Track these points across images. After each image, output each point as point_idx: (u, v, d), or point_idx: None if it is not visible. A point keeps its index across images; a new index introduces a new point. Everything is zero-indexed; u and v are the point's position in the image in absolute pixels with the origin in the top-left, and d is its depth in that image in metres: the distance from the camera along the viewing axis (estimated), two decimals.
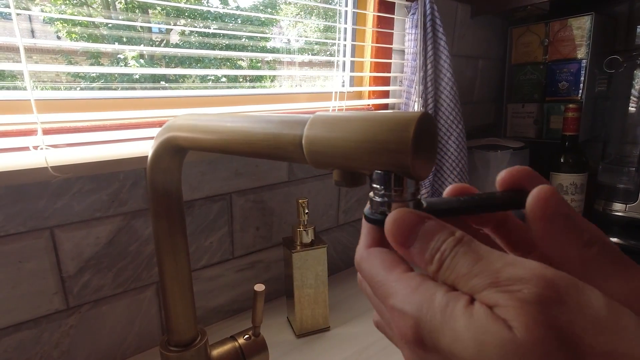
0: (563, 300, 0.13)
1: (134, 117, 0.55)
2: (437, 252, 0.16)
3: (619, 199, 0.85)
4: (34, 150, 0.46)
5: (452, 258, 0.15)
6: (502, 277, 0.14)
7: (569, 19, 0.91)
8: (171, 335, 0.41)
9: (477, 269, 0.15)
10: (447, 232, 0.16)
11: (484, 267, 0.15)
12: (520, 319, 0.13)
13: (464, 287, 0.15)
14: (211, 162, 0.60)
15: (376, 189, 0.19)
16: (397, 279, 0.17)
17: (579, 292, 0.13)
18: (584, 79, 0.91)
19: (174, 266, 0.39)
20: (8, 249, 0.46)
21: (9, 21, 0.43)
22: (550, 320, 0.13)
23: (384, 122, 0.18)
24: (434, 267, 0.16)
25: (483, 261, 0.15)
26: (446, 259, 0.16)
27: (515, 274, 0.14)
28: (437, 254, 0.16)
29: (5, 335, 0.47)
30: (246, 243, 0.67)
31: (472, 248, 0.15)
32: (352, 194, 0.81)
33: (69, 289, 0.50)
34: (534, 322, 0.13)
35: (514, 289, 0.13)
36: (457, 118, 0.81)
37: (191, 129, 0.32)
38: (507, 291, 0.13)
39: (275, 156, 0.25)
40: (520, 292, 0.13)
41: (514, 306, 0.13)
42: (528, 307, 0.13)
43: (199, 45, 0.72)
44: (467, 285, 0.15)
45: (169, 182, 0.37)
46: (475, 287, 0.14)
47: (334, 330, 0.62)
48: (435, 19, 0.78)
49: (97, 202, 0.51)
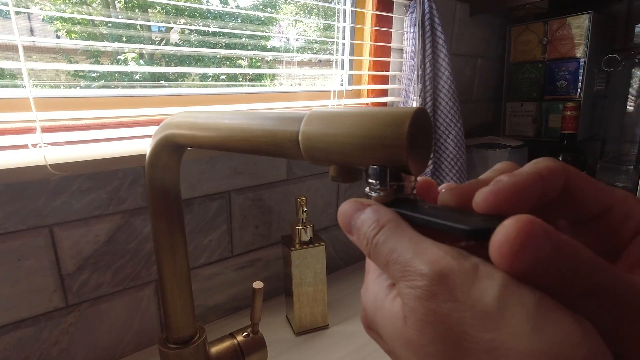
0: (453, 296, 0.12)
1: (133, 115, 0.55)
2: (364, 239, 0.16)
3: None
4: (32, 148, 0.46)
5: (375, 247, 0.16)
6: (409, 270, 0.14)
7: (568, 17, 0.91)
8: (170, 333, 0.41)
9: (393, 259, 0.15)
10: (373, 219, 0.16)
11: (397, 257, 0.15)
12: (414, 315, 0.13)
13: (389, 276, 0.16)
14: (210, 160, 0.60)
15: (372, 184, 0.19)
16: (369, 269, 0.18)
17: (472, 286, 0.12)
18: (583, 77, 0.91)
19: (172, 264, 0.39)
20: (7, 247, 0.46)
21: (7, 20, 0.43)
22: (436, 317, 0.13)
23: (379, 117, 0.18)
24: (367, 253, 0.17)
25: (397, 252, 0.15)
26: (373, 247, 0.16)
27: (417, 268, 0.14)
28: (364, 242, 0.16)
29: (5, 333, 0.47)
30: (245, 241, 0.67)
31: (391, 236, 0.15)
32: (351, 192, 0.81)
33: (68, 286, 0.51)
34: (422, 320, 0.13)
35: (413, 284, 0.14)
36: (456, 117, 0.81)
37: (189, 126, 0.32)
38: (410, 287, 0.14)
39: (273, 152, 0.25)
40: (416, 290, 0.13)
41: (410, 303, 0.14)
42: (419, 305, 0.13)
43: (198, 44, 0.72)
44: (389, 274, 0.15)
45: (168, 179, 0.37)
46: (393, 278, 0.15)
47: (332, 328, 0.63)
48: (434, 17, 0.78)
49: (96, 200, 0.51)
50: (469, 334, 0.12)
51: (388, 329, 0.15)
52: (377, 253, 0.16)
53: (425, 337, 0.13)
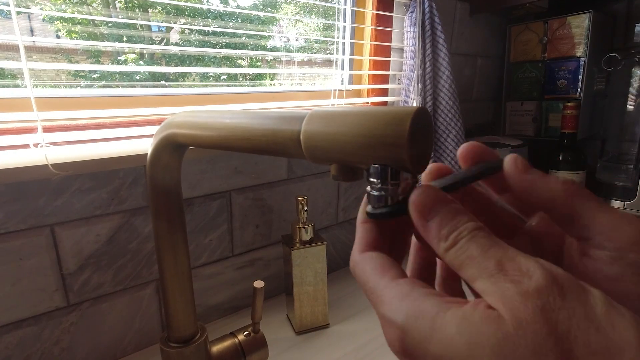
0: (564, 295, 0.13)
1: (134, 115, 0.55)
2: (454, 230, 0.16)
3: (617, 196, 0.86)
4: (34, 148, 0.46)
5: (469, 240, 0.16)
6: (510, 267, 0.14)
7: (568, 17, 0.91)
8: (171, 332, 0.41)
9: (490, 253, 0.15)
10: (469, 217, 0.16)
11: (496, 253, 0.15)
12: (518, 310, 0.13)
13: (471, 269, 0.15)
14: (210, 160, 0.60)
15: (373, 183, 0.19)
16: (386, 286, 0.16)
17: (580, 290, 0.13)
18: (583, 77, 0.91)
19: (174, 263, 0.39)
20: (9, 247, 0.46)
21: (8, 20, 0.43)
22: (547, 314, 0.13)
23: (380, 116, 0.18)
24: (448, 243, 0.16)
25: (496, 247, 0.15)
26: (462, 239, 0.16)
27: (524, 265, 0.14)
28: (454, 232, 0.16)
29: (6, 332, 0.47)
30: (245, 241, 0.67)
31: (490, 236, 0.16)
32: (351, 192, 0.81)
33: (70, 286, 0.51)
34: (531, 314, 0.13)
35: (519, 279, 0.14)
36: (456, 116, 0.81)
37: (190, 125, 0.32)
38: (512, 281, 0.14)
39: (274, 152, 0.25)
40: (524, 283, 0.13)
41: (515, 297, 0.13)
42: (527, 298, 0.13)
43: (199, 44, 0.72)
44: (477, 267, 0.15)
45: (169, 178, 0.37)
46: (483, 271, 0.14)
47: (333, 327, 0.63)
48: (434, 17, 0.78)
49: (97, 199, 0.51)
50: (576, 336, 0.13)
51: (462, 346, 0.13)
52: (469, 246, 0.15)
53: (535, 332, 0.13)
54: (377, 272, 0.17)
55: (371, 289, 0.17)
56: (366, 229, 0.20)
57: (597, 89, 0.96)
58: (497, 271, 0.14)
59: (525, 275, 0.14)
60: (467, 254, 0.15)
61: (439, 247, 0.16)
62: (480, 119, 1.12)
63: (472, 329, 0.13)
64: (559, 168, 0.87)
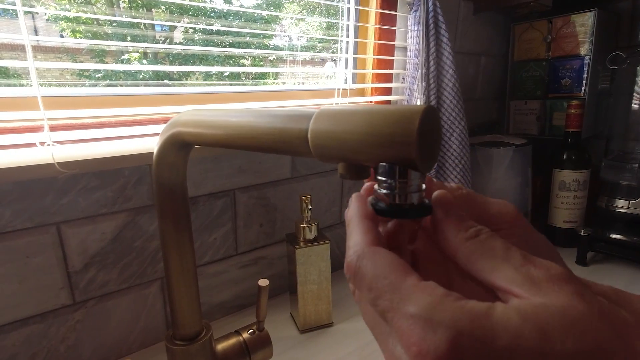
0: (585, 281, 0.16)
1: (139, 114, 0.55)
2: (475, 226, 0.18)
3: (621, 195, 0.85)
4: (40, 147, 0.46)
5: (490, 236, 0.17)
6: (535, 260, 0.16)
7: (572, 15, 0.91)
8: (176, 330, 0.41)
9: (514, 249, 0.16)
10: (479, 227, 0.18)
11: (518, 250, 0.16)
12: (565, 290, 0.14)
13: (492, 260, 0.16)
14: (214, 159, 0.60)
15: (381, 181, 0.19)
16: (415, 285, 0.15)
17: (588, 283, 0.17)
18: (587, 75, 0.91)
19: (179, 261, 0.39)
20: (15, 245, 0.46)
21: (14, 19, 0.44)
22: (584, 297, 0.14)
23: (389, 115, 0.18)
24: (469, 233, 0.17)
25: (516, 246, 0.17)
26: (483, 234, 0.17)
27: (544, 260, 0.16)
28: (475, 227, 0.18)
29: (13, 330, 0.48)
30: (250, 239, 0.67)
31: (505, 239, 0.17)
32: (355, 190, 0.81)
33: (75, 284, 0.51)
34: (579, 292, 0.14)
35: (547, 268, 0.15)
36: (460, 115, 0.81)
37: (196, 124, 0.32)
38: (543, 269, 0.15)
39: (281, 150, 0.25)
40: (552, 270, 0.15)
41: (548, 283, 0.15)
42: (564, 283, 0.14)
43: (202, 43, 0.72)
44: (502, 258, 0.16)
45: (175, 177, 0.37)
46: (509, 262, 0.16)
47: (337, 325, 0.63)
48: (438, 15, 0.78)
49: (102, 198, 0.51)
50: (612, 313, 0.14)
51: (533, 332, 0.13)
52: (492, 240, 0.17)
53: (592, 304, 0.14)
54: (398, 269, 0.16)
55: (390, 284, 0.16)
56: (374, 224, 0.19)
57: (601, 87, 0.96)
58: (525, 262, 0.15)
59: (551, 267, 0.15)
60: (490, 246, 0.16)
61: (458, 237, 0.17)
62: (484, 117, 1.12)
63: (537, 315, 0.13)
64: (563, 167, 0.87)
